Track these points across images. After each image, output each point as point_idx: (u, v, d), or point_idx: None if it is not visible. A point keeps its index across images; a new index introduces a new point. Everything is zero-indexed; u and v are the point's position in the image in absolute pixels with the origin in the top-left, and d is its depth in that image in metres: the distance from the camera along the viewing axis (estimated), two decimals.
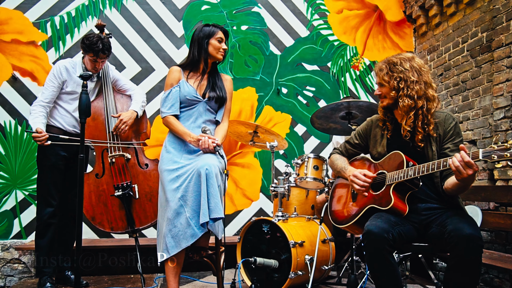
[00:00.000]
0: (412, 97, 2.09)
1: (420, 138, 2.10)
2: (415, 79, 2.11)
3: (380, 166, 2.19)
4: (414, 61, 2.16)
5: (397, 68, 2.13)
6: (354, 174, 2.19)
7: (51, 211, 2.91)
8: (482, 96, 3.61)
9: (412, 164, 2.02)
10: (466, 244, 1.75)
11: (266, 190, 4.22)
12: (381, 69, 2.19)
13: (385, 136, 2.25)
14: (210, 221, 2.24)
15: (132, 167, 3.00)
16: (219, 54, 2.60)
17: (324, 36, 4.54)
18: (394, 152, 2.12)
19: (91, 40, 2.87)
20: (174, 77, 2.57)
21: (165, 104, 2.53)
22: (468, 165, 1.74)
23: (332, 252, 3.09)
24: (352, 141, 2.44)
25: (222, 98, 2.60)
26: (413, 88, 2.09)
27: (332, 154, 2.52)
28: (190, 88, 2.54)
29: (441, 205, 2.09)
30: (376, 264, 1.92)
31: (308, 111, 4.38)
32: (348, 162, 2.40)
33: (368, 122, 2.39)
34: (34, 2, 4.00)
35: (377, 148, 2.26)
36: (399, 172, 2.02)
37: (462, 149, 1.76)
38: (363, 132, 2.39)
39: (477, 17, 3.71)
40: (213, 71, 2.67)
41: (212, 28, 2.60)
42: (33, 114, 2.87)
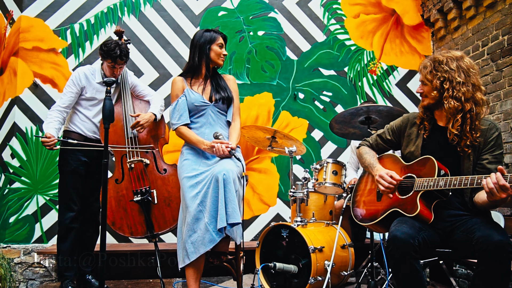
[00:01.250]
0: (458, 99, 1.98)
1: (468, 143, 1.99)
2: (462, 80, 2.00)
3: (410, 169, 2.13)
4: (463, 60, 2.05)
5: (442, 67, 2.03)
6: (380, 174, 2.13)
7: (72, 216, 2.94)
8: (503, 100, 3.55)
9: (444, 172, 1.96)
10: (495, 251, 1.72)
11: (283, 195, 4.21)
12: (425, 67, 2.10)
13: (421, 136, 2.17)
14: (228, 226, 2.24)
15: (151, 172, 3.02)
16: (220, 60, 2.64)
17: (341, 40, 4.52)
18: (426, 157, 2.05)
19: (109, 47, 2.91)
20: (178, 87, 2.60)
21: (174, 116, 2.55)
22: (503, 189, 1.68)
23: (352, 258, 3.05)
24: (384, 136, 2.35)
25: (228, 98, 2.62)
26: (459, 90, 1.99)
27: (362, 146, 2.44)
28: (196, 95, 2.56)
29: (465, 212, 2.04)
30: (401, 270, 1.89)
31: (325, 116, 4.36)
32: (377, 158, 2.33)
33: (404, 119, 2.30)
34: (55, 10, 4.08)
35: (410, 148, 2.18)
36: (429, 180, 1.95)
37: (500, 170, 1.69)
38: (397, 128, 2.31)
39: (498, 20, 3.66)
40: (215, 75, 2.69)
41: (213, 34, 2.63)
42: (48, 119, 2.92)
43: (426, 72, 2.09)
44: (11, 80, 3.96)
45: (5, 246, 3.70)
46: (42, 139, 2.80)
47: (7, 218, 3.76)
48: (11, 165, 3.83)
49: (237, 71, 4.31)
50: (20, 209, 3.79)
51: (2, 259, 3.49)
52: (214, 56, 2.61)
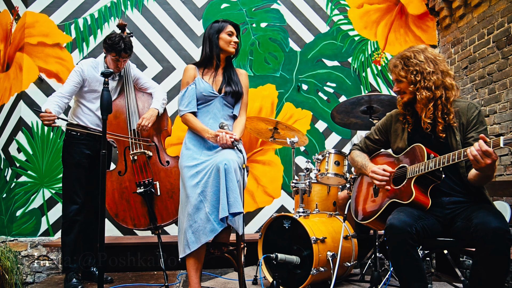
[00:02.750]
0: (429, 88, 2.04)
1: (441, 128, 2.05)
2: (431, 70, 2.06)
3: (401, 160, 2.15)
4: (427, 51, 2.11)
5: (411, 62, 2.09)
6: (372, 169, 2.17)
7: (76, 208, 2.97)
8: (509, 88, 3.49)
9: (433, 156, 1.97)
10: (493, 237, 1.69)
11: (287, 187, 4.21)
12: (396, 65, 2.15)
13: (406, 130, 2.20)
14: (229, 216, 2.24)
15: (154, 164, 3.03)
16: (231, 47, 2.61)
17: (344, 31, 4.48)
18: (415, 145, 2.08)
19: (113, 40, 2.92)
20: (189, 75, 2.61)
21: (182, 102, 2.57)
22: (486, 154, 1.69)
23: (355, 249, 3.04)
24: (372, 136, 2.39)
25: (238, 93, 2.61)
26: (429, 79, 2.05)
27: (352, 150, 2.48)
28: (205, 84, 2.56)
29: (466, 198, 2.03)
30: (399, 258, 1.88)
31: (329, 107, 4.33)
32: (369, 158, 2.36)
33: (388, 117, 2.35)
34: (59, 5, 4.11)
35: (398, 143, 2.22)
36: (419, 165, 1.97)
37: (482, 138, 1.72)
38: (383, 127, 2.35)
39: (503, 7, 3.59)
40: (228, 66, 2.68)
41: (221, 24, 2.64)
42: (47, 102, 2.90)
43: (398, 70, 2.13)
44: (17, 75, 4.00)
45: (12, 239, 3.76)
46: (41, 113, 2.75)
47: (14, 211, 3.82)
48: (17, 159, 3.88)
49: (240, 63, 4.30)
50: (27, 202, 3.85)
51: (9, 252, 3.54)
52: (223, 44, 2.61)
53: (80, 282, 2.90)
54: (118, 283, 3.12)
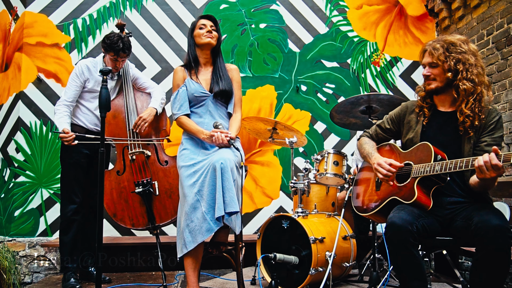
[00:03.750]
0: (472, 81, 1.97)
1: (476, 124, 1.98)
2: (474, 62, 2.00)
3: (407, 157, 2.11)
4: (470, 44, 2.05)
5: (456, 49, 2.00)
6: (378, 162, 2.12)
7: (74, 208, 2.96)
8: (509, 89, 3.49)
9: (440, 157, 1.94)
10: (493, 235, 1.69)
11: (286, 188, 4.20)
12: (436, 48, 2.03)
13: (421, 123, 2.15)
14: (225, 215, 2.23)
15: (152, 164, 3.03)
16: (204, 38, 2.58)
17: (343, 32, 4.48)
18: (423, 143, 2.04)
19: (112, 40, 2.92)
20: (179, 77, 2.61)
21: (175, 106, 2.57)
22: (494, 168, 1.67)
23: (354, 249, 3.03)
24: (384, 125, 2.34)
25: (227, 91, 2.59)
26: (472, 72, 1.98)
27: (362, 136, 2.43)
28: (196, 85, 2.56)
29: (466, 199, 2.02)
30: (399, 256, 1.87)
31: (328, 108, 4.33)
32: (376, 148, 2.32)
33: (403, 107, 2.28)
34: (58, 5, 4.11)
35: (410, 135, 2.16)
36: (425, 165, 1.94)
37: (495, 151, 1.69)
38: (396, 117, 2.29)
39: (503, 7, 3.60)
40: (216, 62, 2.66)
41: (194, 22, 2.66)
42: (58, 114, 2.93)
43: (438, 53, 2.02)
44: (15, 75, 4.00)
45: (10, 239, 3.75)
46: (61, 135, 2.81)
47: (12, 211, 3.80)
48: (16, 159, 3.87)
49: (239, 64, 4.30)
50: (25, 202, 3.83)
51: (7, 252, 3.53)
52: (197, 40, 2.61)
53: (78, 282, 2.89)
54: (116, 283, 3.11)
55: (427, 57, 2.09)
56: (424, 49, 2.12)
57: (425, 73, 2.11)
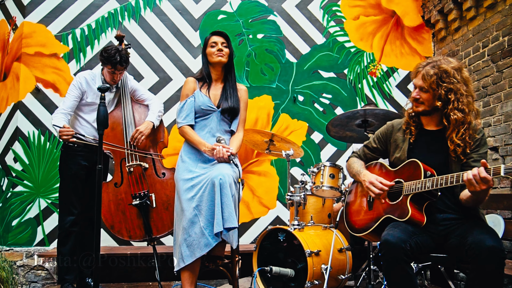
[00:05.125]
0: (463, 111, 2.00)
1: (467, 151, 2.01)
2: (465, 92, 2.02)
3: (397, 174, 2.14)
4: (463, 71, 2.06)
5: (449, 79, 2.01)
6: (370, 180, 2.14)
7: (72, 220, 2.98)
8: (504, 102, 3.53)
9: (430, 173, 1.98)
10: (487, 257, 1.71)
11: (282, 198, 4.22)
12: (429, 75, 2.03)
13: (407, 141, 2.18)
14: (224, 230, 2.26)
15: (150, 176, 3.05)
16: (215, 57, 2.61)
17: (340, 43, 4.52)
18: (411, 160, 2.07)
19: (109, 53, 2.94)
20: (189, 87, 2.64)
21: (181, 115, 2.59)
22: (484, 181, 1.70)
23: (349, 262, 3.05)
24: (371, 145, 2.37)
25: (234, 109, 2.63)
26: (462, 102, 2.00)
27: (350, 157, 2.47)
28: (204, 98, 2.58)
29: (460, 215, 2.04)
30: (393, 274, 1.89)
31: (325, 119, 4.35)
32: (365, 167, 2.34)
33: (389, 126, 2.31)
34: (57, 15, 4.13)
35: (397, 154, 2.19)
36: (416, 182, 1.98)
37: (484, 164, 1.72)
38: (382, 136, 2.32)
39: (498, 20, 3.63)
40: (228, 80, 2.69)
41: (206, 38, 2.69)
42: (56, 117, 2.95)
43: (431, 80, 2.03)
44: (14, 85, 4.02)
45: (7, 249, 3.75)
46: (61, 129, 2.80)
47: (10, 221, 3.81)
48: (13, 169, 3.89)
49: (237, 74, 4.27)
50: (23, 212, 3.84)
51: (5, 262, 3.54)
52: (209, 58, 2.65)
53: None
54: None
55: (419, 80, 2.10)
56: (417, 70, 2.12)
57: (414, 95, 2.13)
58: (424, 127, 2.18)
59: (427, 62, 2.10)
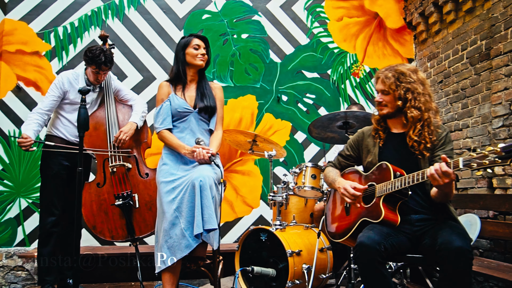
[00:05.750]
0: (419, 109, 2.12)
1: (428, 146, 2.11)
2: (421, 91, 2.14)
3: (370, 178, 2.21)
4: (418, 73, 2.20)
5: (406, 79, 2.15)
6: (344, 187, 2.22)
7: (53, 220, 2.96)
8: (481, 104, 3.61)
9: (399, 174, 2.05)
10: (455, 257, 1.77)
11: (266, 197, 4.25)
12: (388, 77, 2.17)
13: (377, 145, 2.27)
14: (204, 232, 2.28)
15: (133, 176, 3.04)
16: (198, 60, 2.63)
17: (324, 43, 4.56)
18: (381, 163, 2.15)
19: (94, 53, 2.92)
20: (163, 92, 2.64)
21: (158, 120, 2.59)
22: (445, 174, 1.78)
23: (330, 261, 3.10)
24: (344, 153, 2.46)
25: (211, 108, 2.64)
26: (419, 100, 2.13)
27: (326, 167, 2.55)
28: (180, 101, 2.59)
29: (433, 215, 2.11)
30: (368, 275, 1.94)
31: (308, 119, 4.40)
32: (340, 174, 2.43)
33: (359, 134, 2.41)
34: (39, 13, 4.08)
35: (369, 158, 2.28)
36: (387, 184, 2.05)
37: (443, 159, 1.80)
38: (354, 143, 2.41)
39: (476, 25, 3.72)
40: (201, 80, 2.71)
41: (187, 38, 2.67)
42: (27, 121, 2.93)
43: (390, 82, 2.17)
44: None
45: None
46: (18, 139, 2.81)
47: None
48: None
49: (221, 73, 4.34)
50: (3, 212, 3.80)
51: None
52: (190, 59, 2.64)
53: None
54: None
55: (379, 84, 2.23)
56: (377, 76, 2.26)
57: (377, 99, 2.25)
58: (391, 130, 2.27)
59: (385, 68, 2.24)
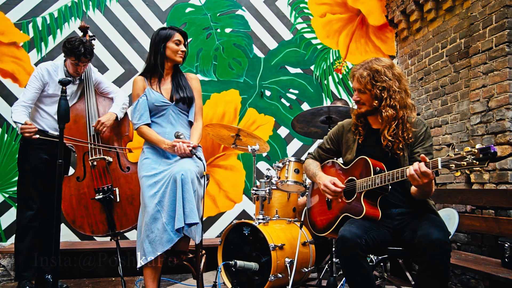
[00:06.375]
0: (394, 107, 2.08)
1: (401, 146, 2.10)
2: (397, 88, 2.09)
3: (349, 172, 2.22)
4: (395, 68, 2.14)
5: (381, 77, 2.08)
6: (324, 183, 2.21)
7: (31, 215, 2.90)
8: (460, 101, 3.69)
9: (379, 169, 2.06)
10: (433, 249, 1.80)
11: (249, 192, 4.25)
12: (363, 76, 2.11)
13: (357, 141, 2.26)
14: (185, 226, 2.26)
15: (114, 170, 3.00)
16: (178, 57, 2.59)
17: (307, 39, 4.58)
18: (361, 157, 2.15)
19: (73, 44, 2.86)
20: (138, 87, 2.59)
21: (135, 115, 2.55)
22: (424, 175, 1.80)
23: (312, 255, 3.13)
24: (324, 146, 2.45)
25: (189, 98, 2.60)
26: (395, 98, 2.09)
27: (306, 159, 2.55)
28: (156, 95, 2.55)
29: (413, 209, 2.14)
30: (350, 269, 1.96)
31: (291, 114, 4.41)
32: (320, 167, 2.42)
33: (340, 127, 2.39)
34: (16, 2, 3.97)
35: (348, 155, 2.28)
36: (367, 180, 2.06)
37: (423, 159, 1.81)
38: (334, 137, 2.40)
39: (456, 23, 3.79)
40: (176, 73, 2.67)
41: (168, 31, 2.60)
42: (16, 112, 2.85)
43: (365, 81, 2.11)
44: None
45: None
46: (22, 125, 2.71)
47: None
48: None
49: (204, 68, 4.31)
50: None
51: None
52: (170, 53, 2.58)
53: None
54: None
55: (356, 83, 2.18)
56: (352, 74, 2.21)
57: (355, 98, 2.22)
58: (371, 126, 2.26)
59: (360, 65, 2.18)
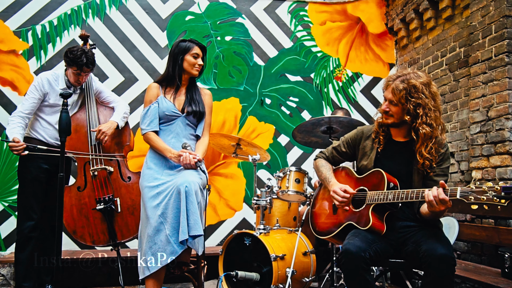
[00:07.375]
0: (431, 126, 2.04)
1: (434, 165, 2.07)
2: (432, 107, 2.05)
3: (362, 182, 2.21)
4: (431, 86, 2.08)
5: (417, 94, 2.03)
6: (334, 189, 2.20)
7: (32, 225, 2.89)
8: (460, 110, 3.70)
9: (393, 185, 2.05)
10: (439, 264, 1.81)
11: (249, 200, 4.25)
12: (399, 89, 2.05)
13: (375, 150, 2.23)
14: (189, 238, 2.26)
15: (115, 180, 2.99)
16: (194, 70, 2.61)
17: (307, 47, 4.59)
18: (376, 170, 2.13)
19: (75, 54, 2.85)
20: (152, 93, 2.60)
21: (144, 121, 2.56)
22: (442, 202, 1.79)
23: (313, 264, 3.12)
24: (340, 148, 2.40)
25: (200, 113, 2.62)
26: (430, 116, 2.03)
27: (318, 158, 2.49)
28: (168, 104, 2.56)
29: (417, 223, 2.13)
30: (353, 282, 1.96)
31: (292, 122, 4.42)
32: (333, 171, 2.39)
33: (359, 132, 2.35)
34: (15, 10, 3.96)
35: (364, 161, 2.25)
36: (379, 193, 2.04)
37: (442, 185, 1.80)
38: (352, 141, 2.36)
39: (455, 32, 3.81)
40: (191, 86, 2.69)
41: (188, 44, 2.61)
42: (11, 124, 2.84)
43: (400, 95, 2.05)
44: None
45: None
46: (10, 143, 2.72)
47: None
48: None
49: (204, 76, 4.32)
50: None
51: None
52: (187, 66, 2.59)
53: None
54: None
55: (389, 93, 2.12)
56: (387, 84, 2.16)
57: (384, 107, 2.16)
58: (392, 137, 2.23)
59: (397, 76, 2.12)
